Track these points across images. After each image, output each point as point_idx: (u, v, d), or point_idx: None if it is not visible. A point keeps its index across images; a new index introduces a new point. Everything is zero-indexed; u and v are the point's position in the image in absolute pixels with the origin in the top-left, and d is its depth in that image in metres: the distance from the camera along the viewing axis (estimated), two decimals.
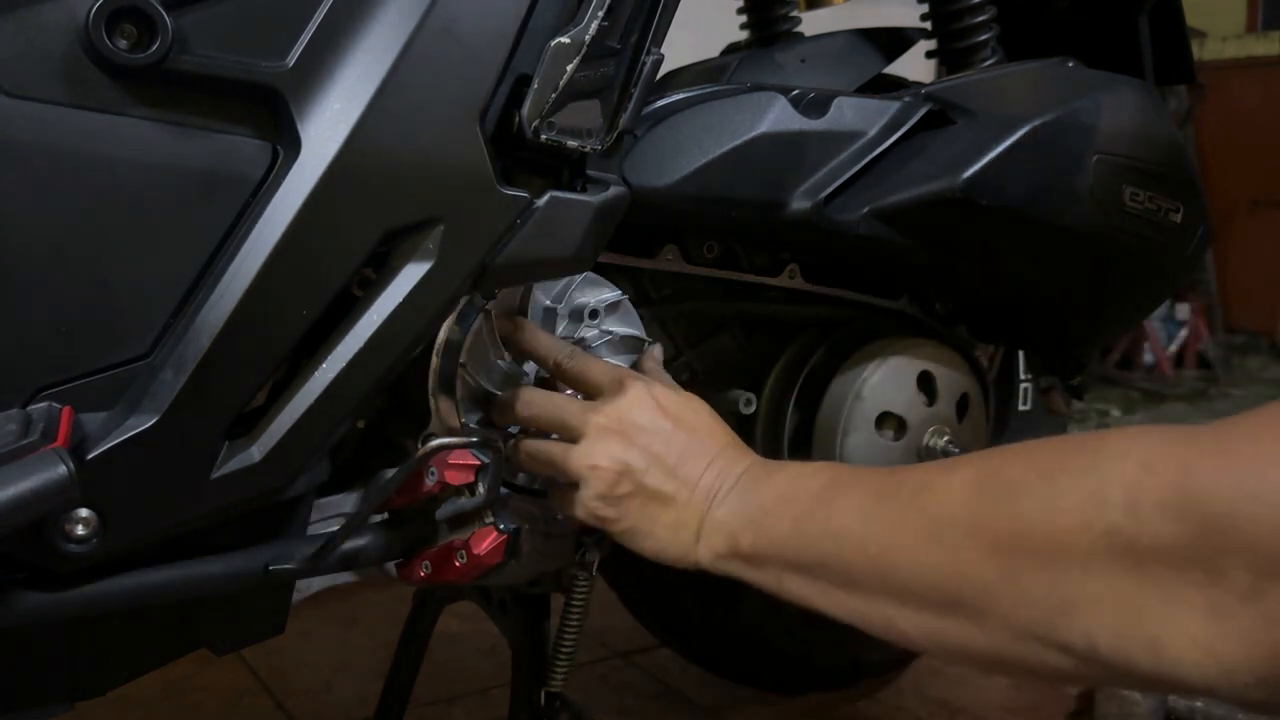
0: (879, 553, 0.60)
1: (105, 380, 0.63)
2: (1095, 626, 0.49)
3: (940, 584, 0.56)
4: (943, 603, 0.57)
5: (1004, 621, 0.53)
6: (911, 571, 0.58)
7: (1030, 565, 0.52)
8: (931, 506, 0.58)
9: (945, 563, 0.56)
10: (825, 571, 0.64)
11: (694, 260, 0.93)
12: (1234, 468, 0.45)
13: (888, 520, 0.61)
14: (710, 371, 1.03)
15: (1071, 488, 0.51)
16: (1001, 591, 0.53)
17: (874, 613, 0.61)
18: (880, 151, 0.89)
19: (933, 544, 0.57)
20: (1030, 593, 0.52)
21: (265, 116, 0.65)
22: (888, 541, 0.60)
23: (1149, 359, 3.54)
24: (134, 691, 0.88)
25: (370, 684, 1.26)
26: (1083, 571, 0.49)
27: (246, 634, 0.78)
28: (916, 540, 0.58)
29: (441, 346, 0.78)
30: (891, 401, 0.98)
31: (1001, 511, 0.54)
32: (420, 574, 0.81)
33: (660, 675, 1.38)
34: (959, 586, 0.55)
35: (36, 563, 0.64)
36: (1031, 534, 0.52)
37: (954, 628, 0.56)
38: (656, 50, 0.75)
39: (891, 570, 0.59)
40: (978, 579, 0.54)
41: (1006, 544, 0.53)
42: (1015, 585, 0.52)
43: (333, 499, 0.79)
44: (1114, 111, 0.94)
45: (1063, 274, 0.98)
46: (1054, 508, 0.51)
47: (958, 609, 0.56)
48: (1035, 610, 0.52)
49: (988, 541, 0.54)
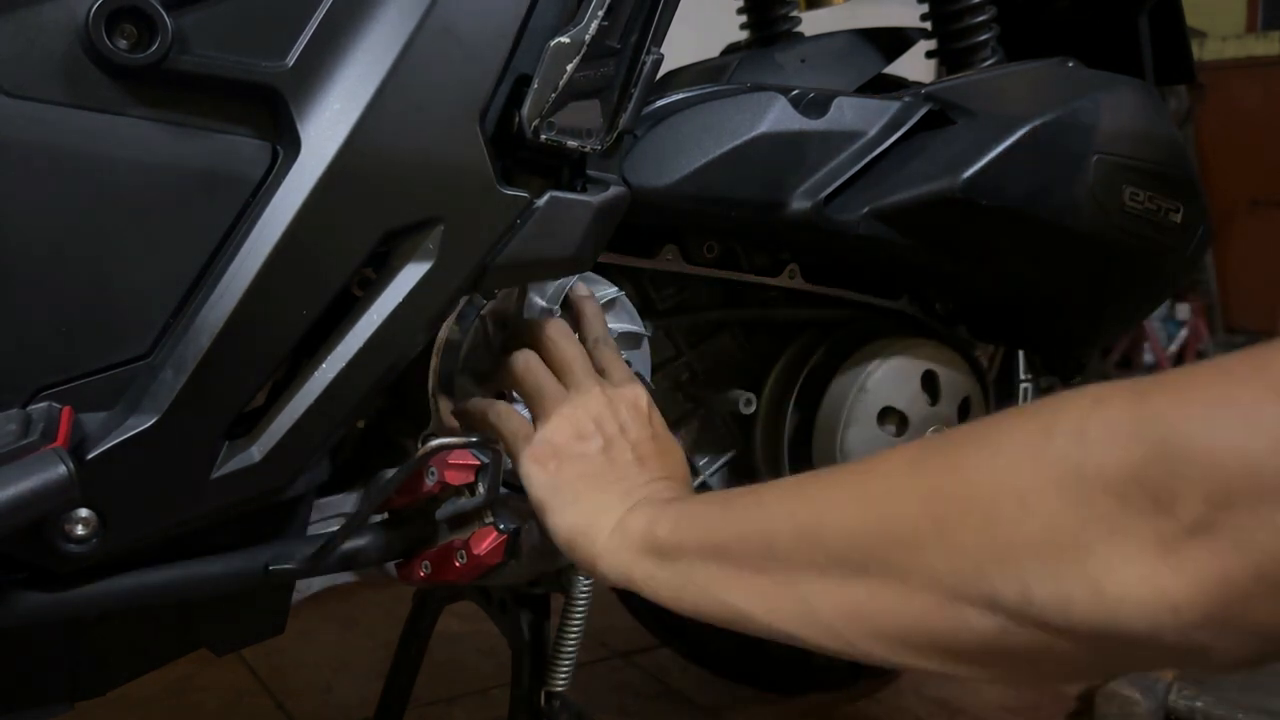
0: (806, 518, 0.56)
1: (105, 380, 0.63)
2: (1031, 569, 0.44)
3: (866, 543, 0.52)
4: (866, 564, 0.52)
5: (930, 578, 0.49)
6: (838, 533, 0.54)
7: (963, 511, 0.47)
8: (870, 476, 0.55)
9: (873, 520, 0.52)
10: (743, 548, 0.59)
11: (694, 260, 0.93)
12: (1193, 396, 0.41)
13: (821, 489, 0.57)
14: (710, 371, 1.03)
15: (1017, 429, 0.47)
16: (930, 542, 0.49)
17: (786, 593, 0.56)
18: (880, 151, 0.89)
19: (864, 504, 0.53)
20: (961, 541, 0.47)
21: (265, 116, 0.65)
22: (818, 508, 0.56)
23: (1149, 359, 3.54)
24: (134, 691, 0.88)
25: (370, 684, 1.26)
26: (1021, 510, 0.45)
27: (246, 634, 0.78)
28: (848, 502, 0.54)
29: (441, 346, 0.78)
30: (892, 401, 0.98)
31: (939, 463, 0.50)
32: (420, 574, 0.81)
33: (660, 675, 1.38)
34: (886, 544, 0.51)
35: (36, 563, 0.64)
36: (969, 479, 0.48)
37: (875, 597, 0.51)
38: (656, 50, 0.75)
39: (817, 534, 0.55)
40: (907, 532, 0.50)
41: (941, 493, 0.49)
42: (946, 534, 0.48)
43: (333, 499, 0.79)
44: (1114, 111, 0.94)
45: (1063, 274, 0.98)
46: (996, 449, 0.47)
47: (883, 570, 0.51)
48: (966, 560, 0.47)
49: (922, 494, 0.50)
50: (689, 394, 1.02)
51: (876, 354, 0.99)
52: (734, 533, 0.60)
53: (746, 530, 0.60)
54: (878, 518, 0.52)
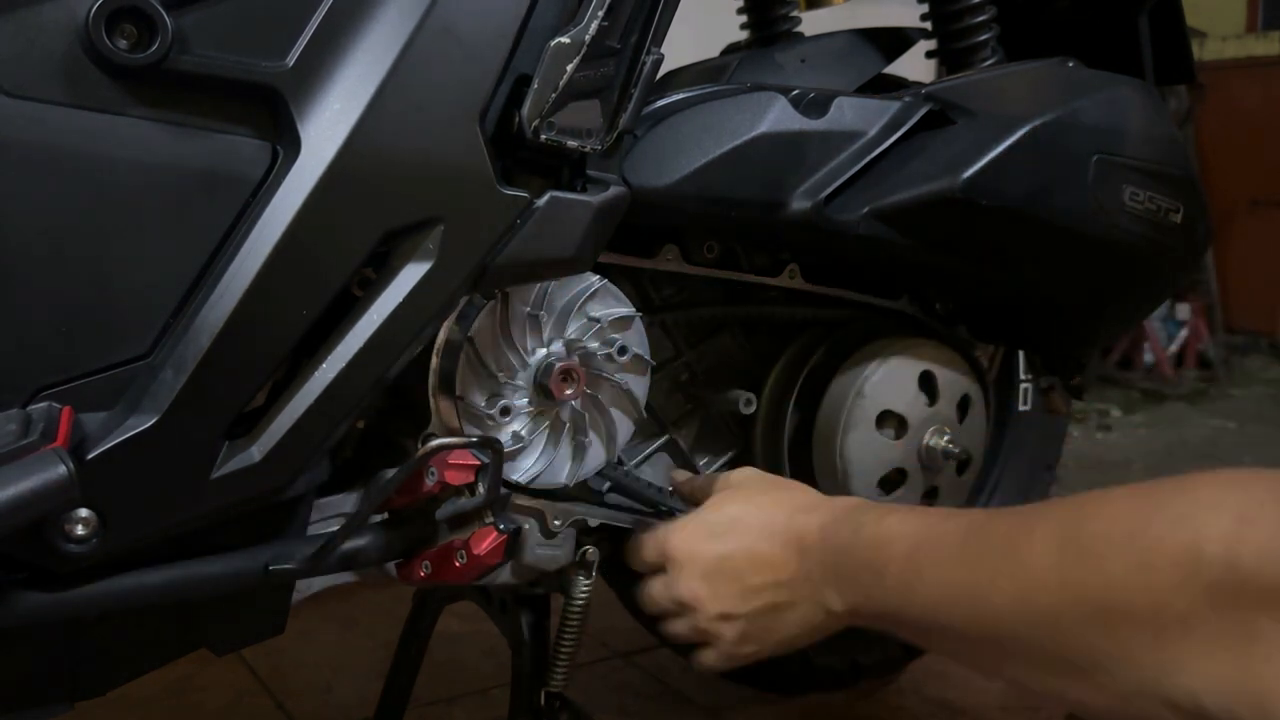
0: (981, 625, 0.60)
1: (105, 380, 0.63)
2: (1200, 685, 0.48)
3: (1045, 650, 0.56)
4: (1053, 665, 0.56)
5: (1113, 682, 0.53)
6: (1014, 640, 0.58)
7: (1129, 627, 0.51)
8: (1019, 573, 0.58)
9: (1044, 630, 0.56)
10: (946, 637, 0.64)
11: (694, 260, 0.93)
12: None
13: (978, 592, 0.60)
14: (710, 371, 1.03)
15: (1163, 544, 0.50)
16: (1105, 654, 0.53)
17: (1002, 671, 0.61)
18: (880, 151, 0.89)
19: (1028, 612, 0.57)
20: (1133, 654, 0.51)
21: (265, 116, 0.65)
22: (985, 613, 0.60)
23: (1149, 359, 3.54)
24: (134, 691, 0.88)
25: (370, 684, 1.26)
26: (1183, 630, 0.48)
27: (246, 634, 0.78)
28: (1012, 610, 0.58)
29: (441, 346, 0.78)
30: (892, 400, 0.98)
31: (1091, 573, 0.53)
32: (420, 574, 0.81)
33: (660, 675, 1.38)
34: (1063, 652, 0.55)
35: (36, 563, 0.64)
36: (1127, 595, 0.51)
37: (1072, 687, 0.56)
38: (656, 50, 0.75)
39: (997, 639, 0.59)
40: (1079, 643, 0.54)
41: (1102, 606, 0.53)
42: (1117, 647, 0.52)
43: (333, 499, 0.79)
44: (1114, 111, 0.94)
45: (1063, 274, 0.98)
46: (1147, 566, 0.50)
47: (1069, 671, 0.55)
48: (1141, 671, 0.51)
49: (1082, 605, 0.54)
50: (689, 394, 1.02)
51: (876, 354, 0.99)
52: (930, 626, 0.65)
53: (937, 629, 0.64)
54: (1046, 630, 0.56)
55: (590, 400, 0.83)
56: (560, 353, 0.81)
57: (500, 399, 0.79)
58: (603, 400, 0.83)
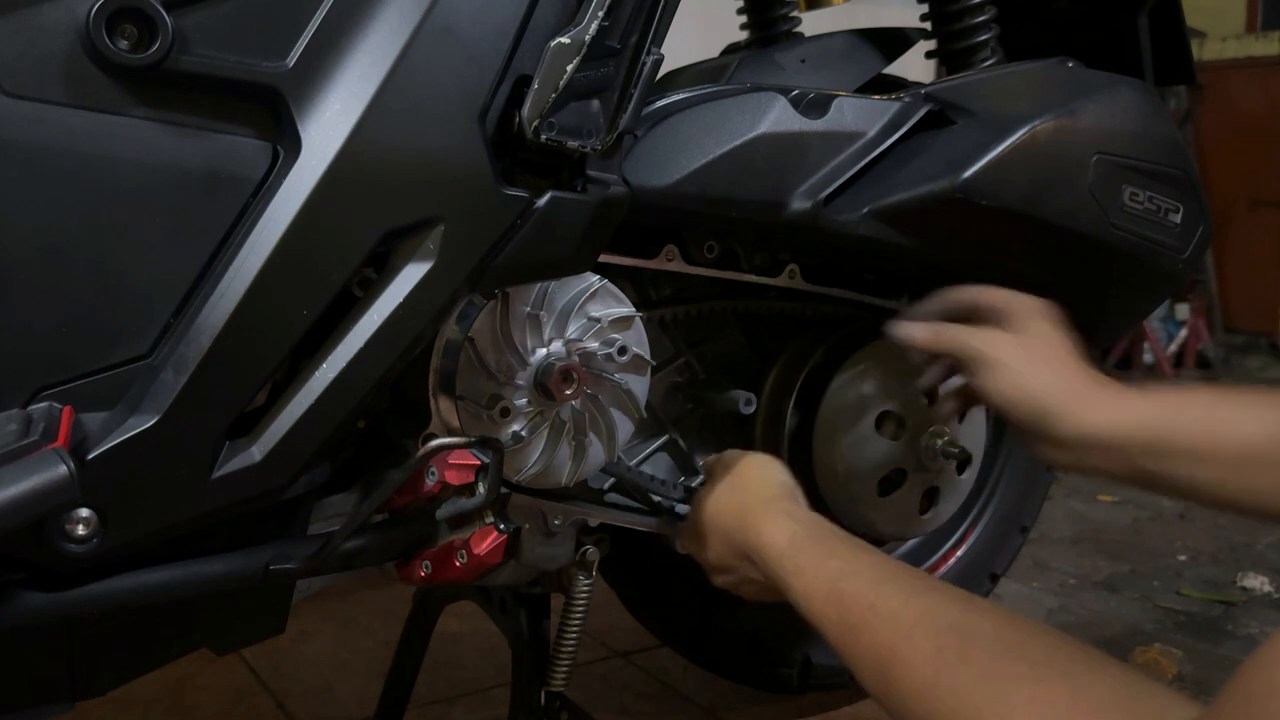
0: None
1: (105, 380, 0.63)
2: None
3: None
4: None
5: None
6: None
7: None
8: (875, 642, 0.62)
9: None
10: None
11: (694, 260, 0.93)
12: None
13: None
14: (710, 371, 1.03)
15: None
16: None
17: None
18: (880, 151, 0.89)
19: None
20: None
21: (265, 116, 0.65)
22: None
23: (1149, 359, 3.54)
24: (134, 691, 0.88)
25: (370, 684, 1.26)
26: None
27: (246, 634, 0.78)
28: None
29: (441, 346, 0.78)
30: (892, 401, 0.98)
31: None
32: (420, 574, 0.81)
33: (660, 675, 1.38)
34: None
35: (36, 563, 0.64)
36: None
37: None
38: (656, 50, 0.75)
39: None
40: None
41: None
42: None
43: (333, 499, 0.79)
44: (1114, 111, 0.94)
45: (1062, 274, 0.98)
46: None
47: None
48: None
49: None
50: (689, 394, 1.02)
51: (876, 354, 0.99)
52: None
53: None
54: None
55: (590, 400, 0.83)
56: (560, 353, 0.81)
57: (500, 399, 0.79)
58: (603, 400, 0.83)
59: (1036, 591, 1.67)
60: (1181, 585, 1.69)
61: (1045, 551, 1.83)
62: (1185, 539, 1.90)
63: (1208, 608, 1.60)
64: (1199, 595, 1.64)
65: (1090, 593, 1.66)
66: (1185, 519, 2.01)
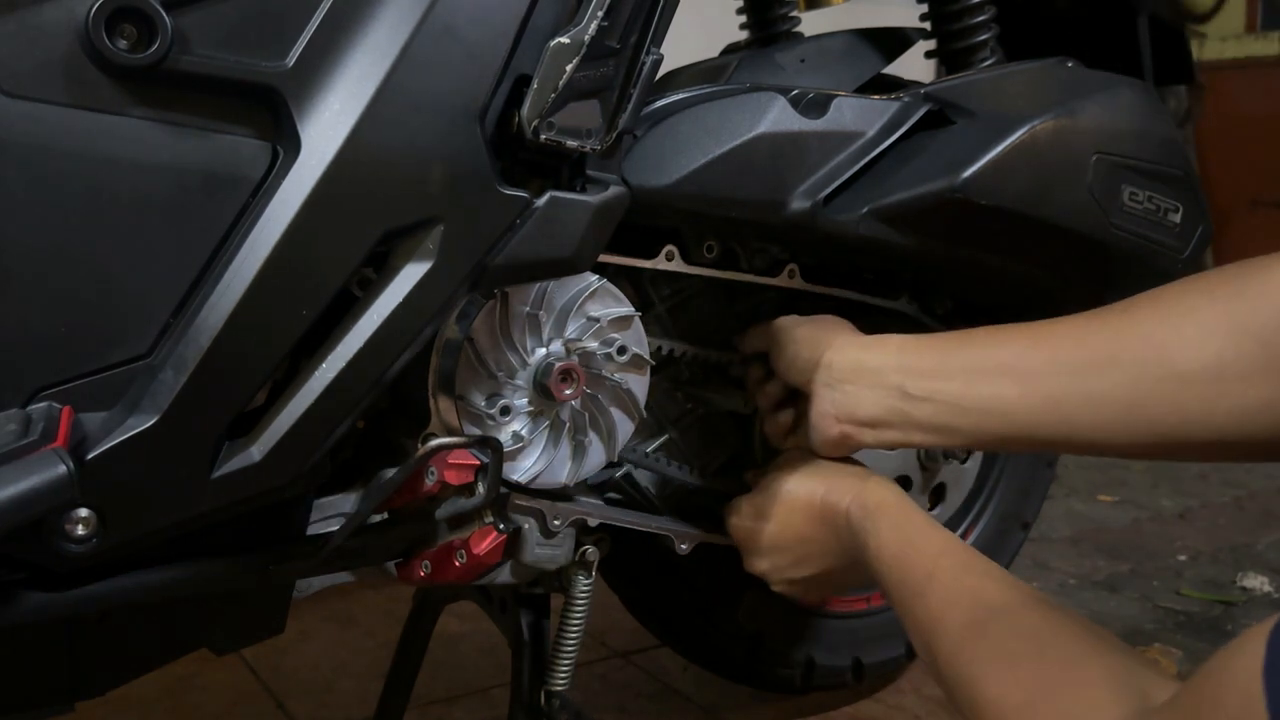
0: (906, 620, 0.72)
1: (105, 380, 0.63)
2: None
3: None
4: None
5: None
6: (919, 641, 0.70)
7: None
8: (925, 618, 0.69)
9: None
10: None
11: (694, 260, 0.93)
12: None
13: (904, 602, 0.72)
14: (710, 371, 1.03)
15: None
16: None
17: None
18: (880, 151, 0.89)
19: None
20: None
21: (265, 116, 0.65)
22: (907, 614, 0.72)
23: None
24: (134, 691, 0.88)
25: (370, 684, 1.26)
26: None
27: (246, 634, 0.78)
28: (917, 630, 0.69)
29: (441, 346, 0.78)
30: None
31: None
32: (420, 574, 0.81)
33: (660, 675, 1.38)
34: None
35: (36, 562, 0.64)
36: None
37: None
38: (656, 50, 0.75)
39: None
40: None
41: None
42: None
43: (333, 499, 0.79)
44: (1113, 111, 0.94)
45: (1062, 274, 0.98)
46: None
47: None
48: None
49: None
50: (689, 394, 1.02)
51: None
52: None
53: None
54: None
55: (590, 400, 0.83)
56: (560, 353, 0.81)
57: (500, 399, 0.79)
58: (602, 400, 0.83)
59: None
60: (1181, 585, 1.69)
61: (1045, 551, 1.83)
62: (1185, 539, 1.90)
63: (1208, 608, 1.60)
64: (1199, 595, 1.64)
65: (1090, 592, 1.66)
66: (1185, 519, 2.01)
